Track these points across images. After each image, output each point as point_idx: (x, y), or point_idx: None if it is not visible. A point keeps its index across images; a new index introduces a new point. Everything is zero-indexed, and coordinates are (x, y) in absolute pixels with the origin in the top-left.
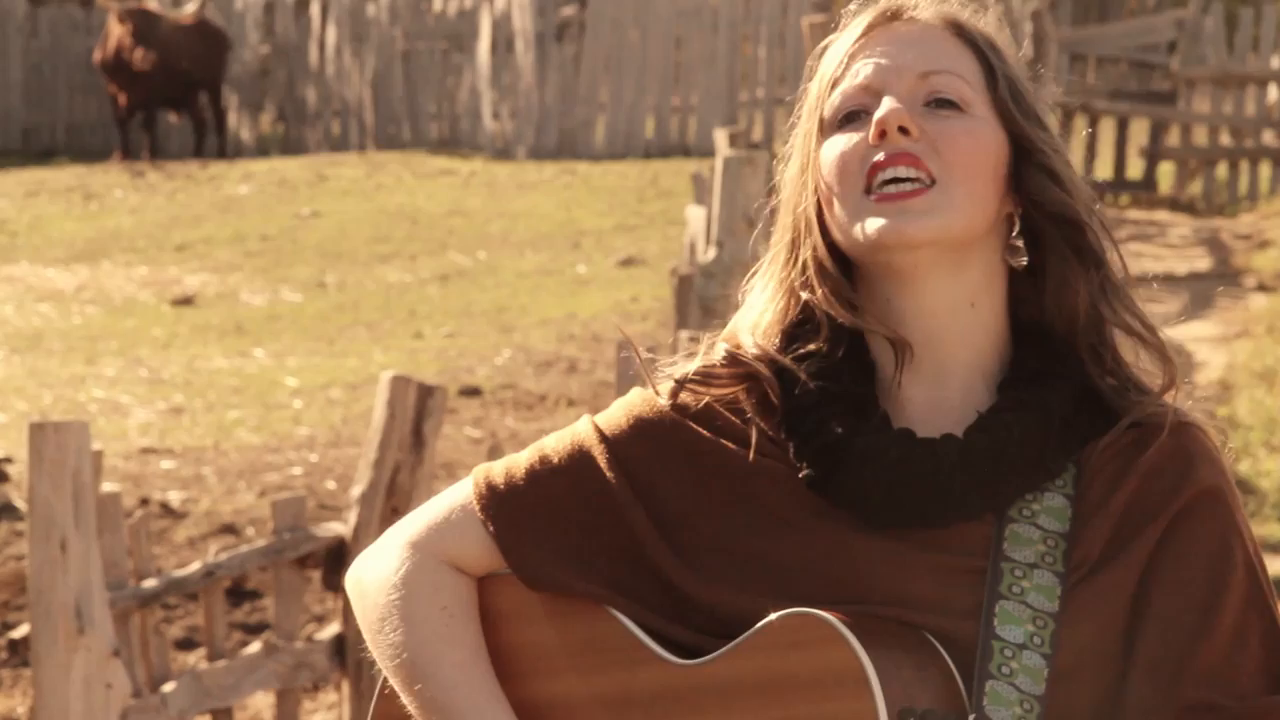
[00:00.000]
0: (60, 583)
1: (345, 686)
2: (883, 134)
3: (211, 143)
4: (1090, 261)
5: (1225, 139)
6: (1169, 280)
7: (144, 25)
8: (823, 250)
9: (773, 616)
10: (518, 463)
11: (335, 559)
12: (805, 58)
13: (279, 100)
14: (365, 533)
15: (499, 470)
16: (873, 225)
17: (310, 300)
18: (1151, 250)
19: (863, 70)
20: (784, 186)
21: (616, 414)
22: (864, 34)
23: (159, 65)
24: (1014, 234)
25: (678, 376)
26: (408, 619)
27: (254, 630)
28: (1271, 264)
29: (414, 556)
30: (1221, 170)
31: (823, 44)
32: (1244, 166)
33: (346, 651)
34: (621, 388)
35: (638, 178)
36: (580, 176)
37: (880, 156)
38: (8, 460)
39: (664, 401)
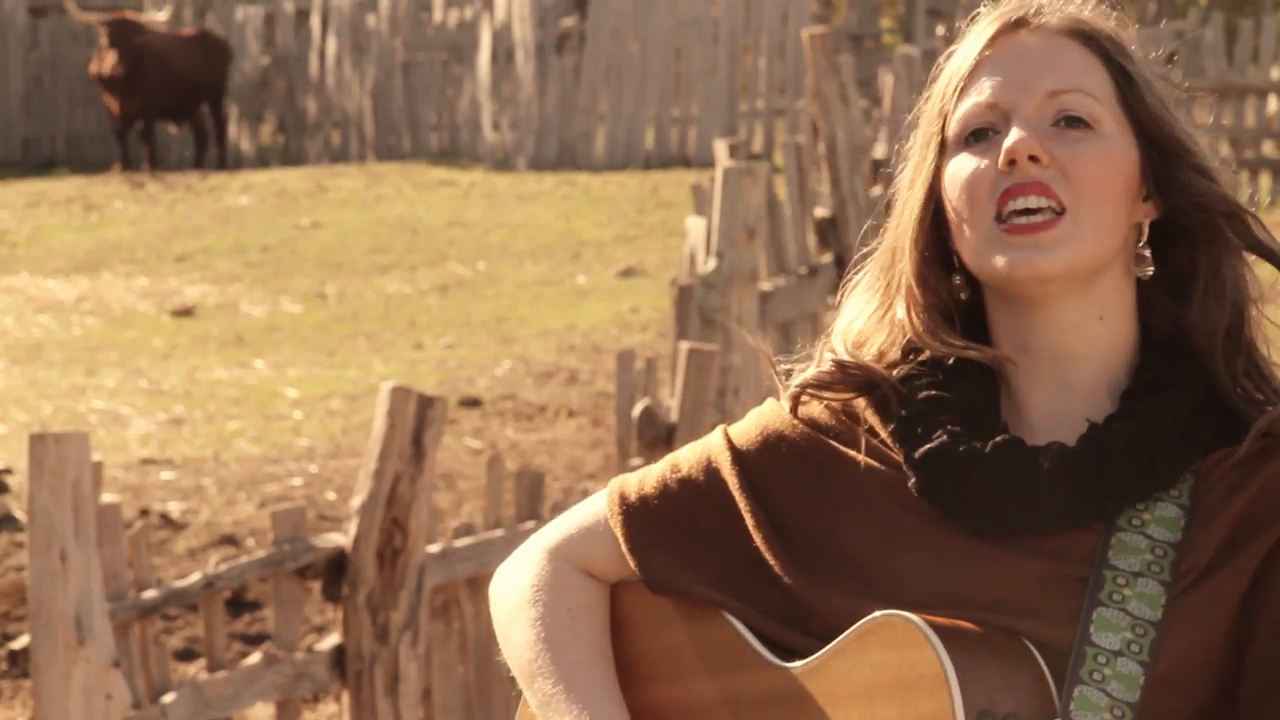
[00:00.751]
0: (60, 594)
1: (345, 697)
2: (1012, 162)
3: (212, 154)
4: (1250, 251)
5: (1225, 150)
6: None
7: (125, 36)
8: (912, 277)
9: (864, 620)
10: (651, 472)
11: (335, 570)
12: (805, 69)
13: (279, 111)
14: (365, 543)
15: (633, 480)
16: (1005, 259)
17: (310, 311)
18: None
19: (988, 87)
20: (899, 191)
21: (747, 423)
22: (988, 44)
23: (144, 77)
24: (1140, 244)
25: (798, 383)
26: (534, 619)
27: (254, 641)
28: (1272, 275)
29: (547, 561)
30: None
31: (948, 50)
32: (1244, 178)
33: (346, 662)
34: (622, 398)
35: (638, 188)
36: (580, 187)
37: (1010, 184)
38: (8, 471)
39: (788, 409)
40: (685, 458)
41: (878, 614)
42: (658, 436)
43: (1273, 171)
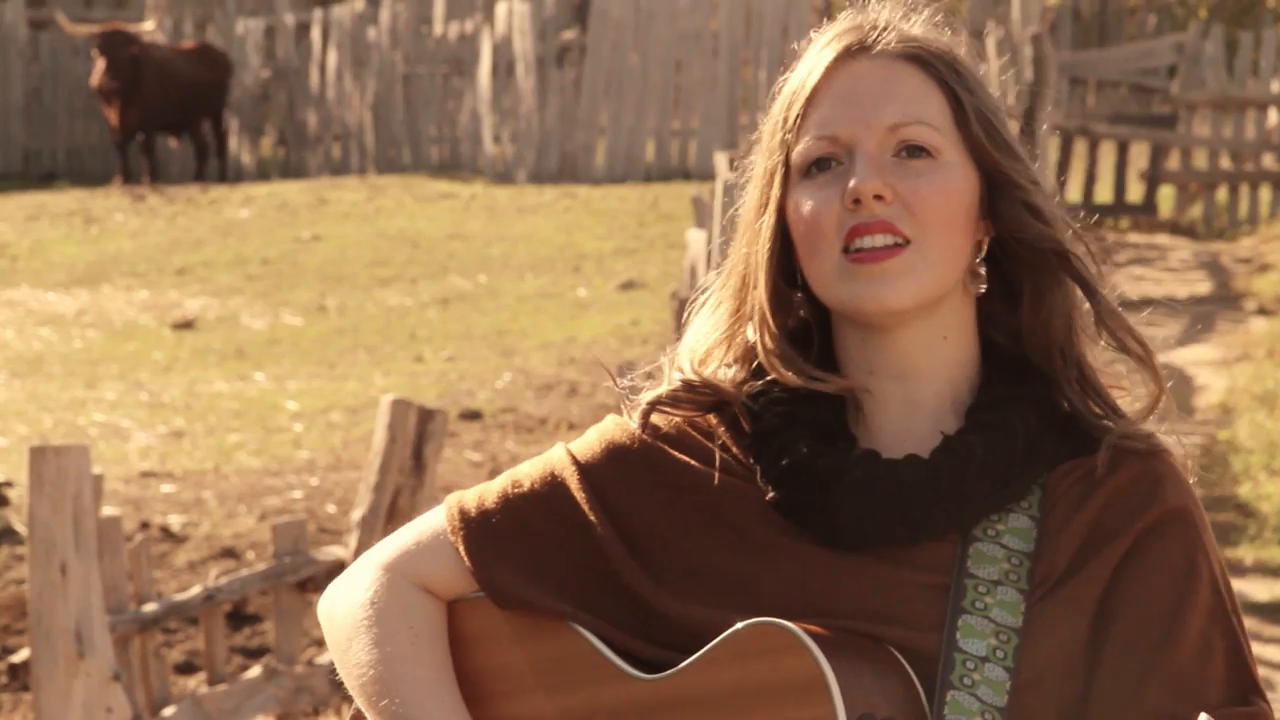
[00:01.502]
0: (60, 607)
1: (345, 711)
2: (857, 201)
3: (212, 166)
4: (1076, 286)
5: (1225, 163)
6: (1170, 304)
7: (116, 46)
8: (767, 306)
9: (737, 626)
10: (490, 488)
11: None
12: None
13: (280, 124)
14: None
15: (471, 495)
16: (852, 293)
17: (311, 324)
18: (1152, 274)
19: (829, 120)
20: (741, 216)
21: (589, 438)
22: (826, 72)
23: (144, 89)
24: (978, 259)
25: (648, 400)
26: (374, 638)
27: (254, 654)
28: (1272, 287)
29: (385, 578)
30: (1221, 194)
31: (783, 76)
32: (1244, 190)
33: None
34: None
35: (638, 201)
36: (580, 200)
37: (856, 223)
38: (8, 484)
39: (636, 425)
40: (526, 473)
41: (751, 621)
42: None
43: (1273, 184)
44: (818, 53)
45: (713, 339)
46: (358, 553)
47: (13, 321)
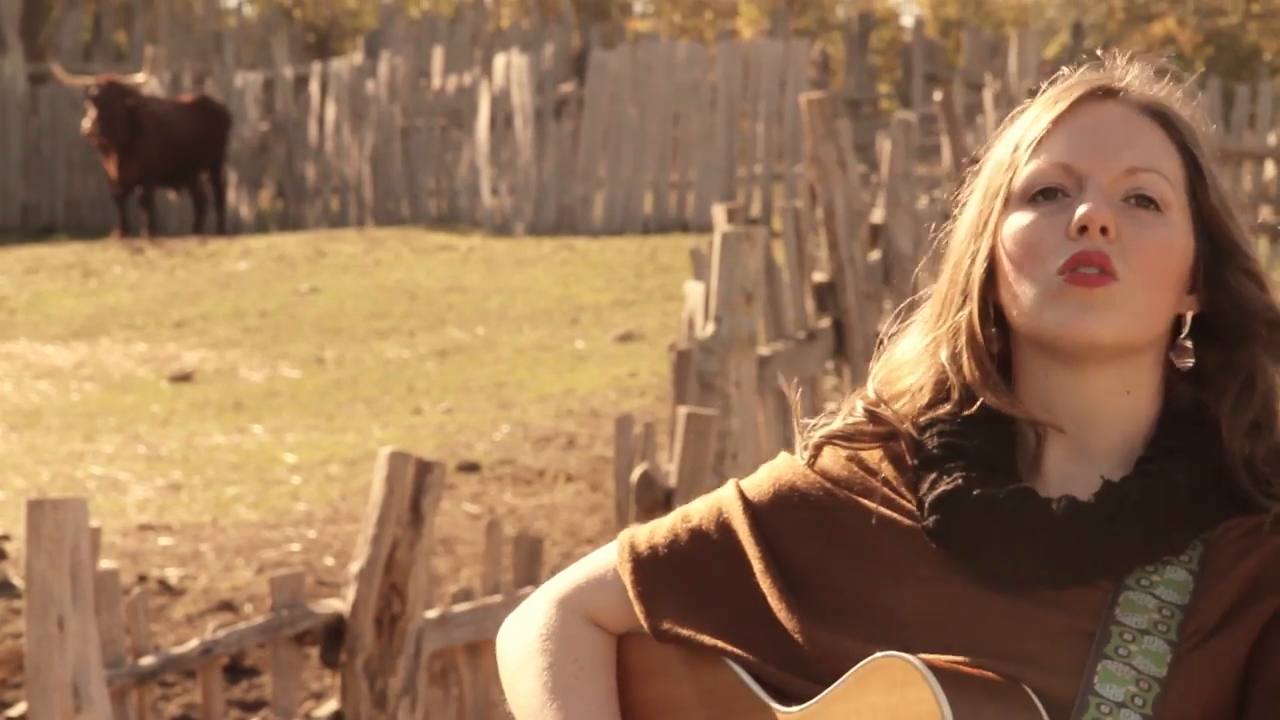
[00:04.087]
0: (57, 660)
1: None
2: (1083, 229)
3: (211, 219)
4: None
5: None
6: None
7: (109, 99)
8: (978, 323)
9: (864, 662)
10: (661, 524)
11: (333, 636)
12: (803, 134)
13: (278, 177)
14: (363, 609)
15: (643, 530)
16: (1057, 317)
17: (309, 376)
18: None
19: (1066, 149)
20: (953, 239)
21: (760, 476)
22: (1072, 107)
23: (143, 143)
24: (1183, 335)
25: (822, 435)
26: (540, 669)
27: (252, 708)
28: None
29: (556, 611)
30: None
31: (1022, 106)
32: None
33: None
34: (620, 463)
35: (636, 253)
36: (579, 252)
37: (1077, 250)
38: (6, 537)
39: (804, 462)
40: (696, 509)
41: (876, 655)
42: (656, 501)
43: (1270, 236)
44: (1062, 90)
45: (909, 357)
46: (356, 605)
47: (11, 374)
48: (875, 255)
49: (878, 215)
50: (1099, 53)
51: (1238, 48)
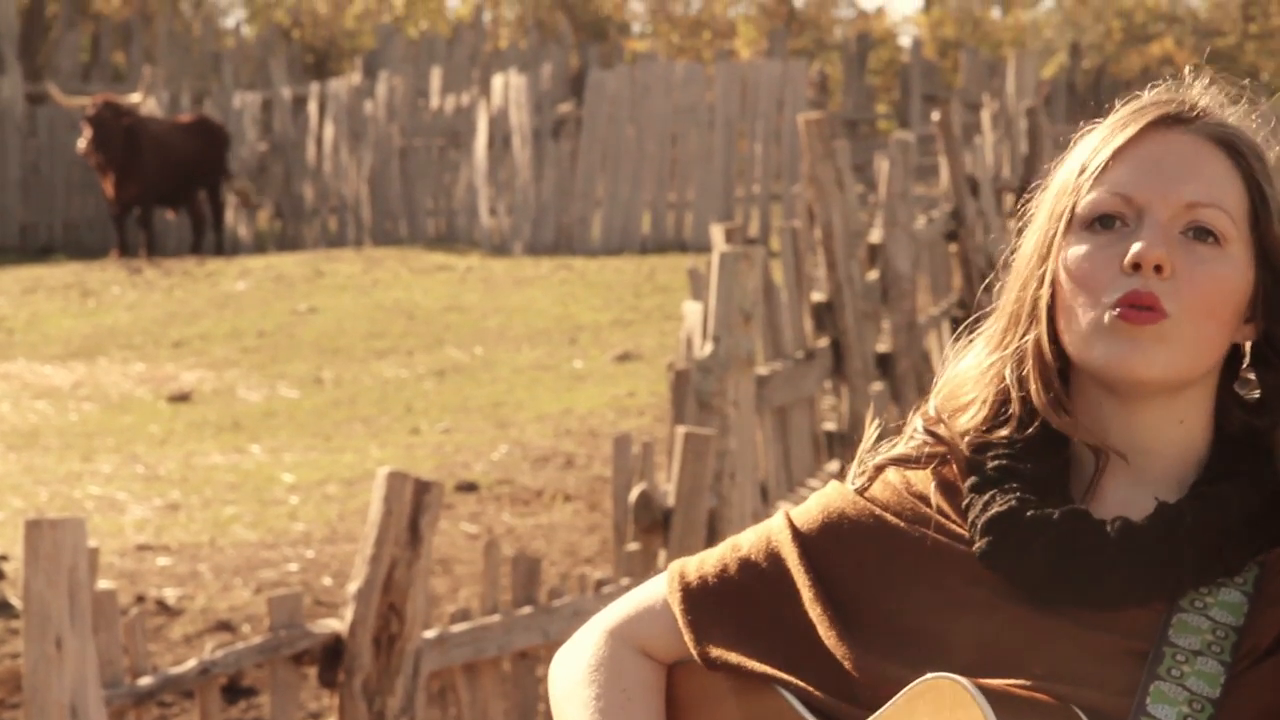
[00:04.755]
0: (55, 681)
1: None
2: (1137, 266)
3: (209, 239)
4: None
5: None
6: None
7: (104, 119)
8: (1047, 345)
9: (915, 683)
10: (710, 554)
11: (331, 656)
12: (801, 154)
13: (276, 197)
14: (361, 629)
15: (693, 561)
16: (1104, 354)
17: (307, 396)
18: None
19: (1128, 179)
20: (1019, 256)
21: (810, 505)
22: (1138, 134)
23: (141, 163)
24: (1244, 365)
25: (878, 462)
26: (588, 699)
27: None
28: None
29: (605, 641)
30: None
31: (1090, 125)
32: None
33: None
34: (619, 483)
35: (634, 273)
36: (577, 272)
37: (1129, 289)
38: (3, 558)
39: (854, 490)
40: (746, 539)
41: (927, 676)
42: (654, 521)
43: None
44: (1130, 113)
45: (974, 372)
46: (354, 626)
47: (9, 394)
48: (873, 275)
49: (876, 235)
50: (1186, 72)
51: (1235, 68)
